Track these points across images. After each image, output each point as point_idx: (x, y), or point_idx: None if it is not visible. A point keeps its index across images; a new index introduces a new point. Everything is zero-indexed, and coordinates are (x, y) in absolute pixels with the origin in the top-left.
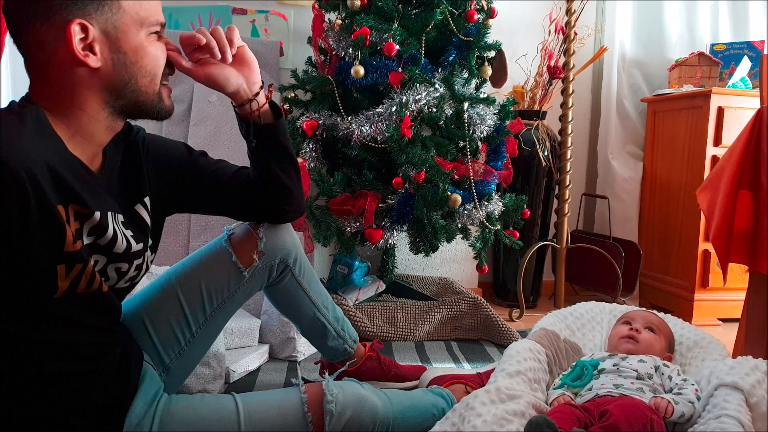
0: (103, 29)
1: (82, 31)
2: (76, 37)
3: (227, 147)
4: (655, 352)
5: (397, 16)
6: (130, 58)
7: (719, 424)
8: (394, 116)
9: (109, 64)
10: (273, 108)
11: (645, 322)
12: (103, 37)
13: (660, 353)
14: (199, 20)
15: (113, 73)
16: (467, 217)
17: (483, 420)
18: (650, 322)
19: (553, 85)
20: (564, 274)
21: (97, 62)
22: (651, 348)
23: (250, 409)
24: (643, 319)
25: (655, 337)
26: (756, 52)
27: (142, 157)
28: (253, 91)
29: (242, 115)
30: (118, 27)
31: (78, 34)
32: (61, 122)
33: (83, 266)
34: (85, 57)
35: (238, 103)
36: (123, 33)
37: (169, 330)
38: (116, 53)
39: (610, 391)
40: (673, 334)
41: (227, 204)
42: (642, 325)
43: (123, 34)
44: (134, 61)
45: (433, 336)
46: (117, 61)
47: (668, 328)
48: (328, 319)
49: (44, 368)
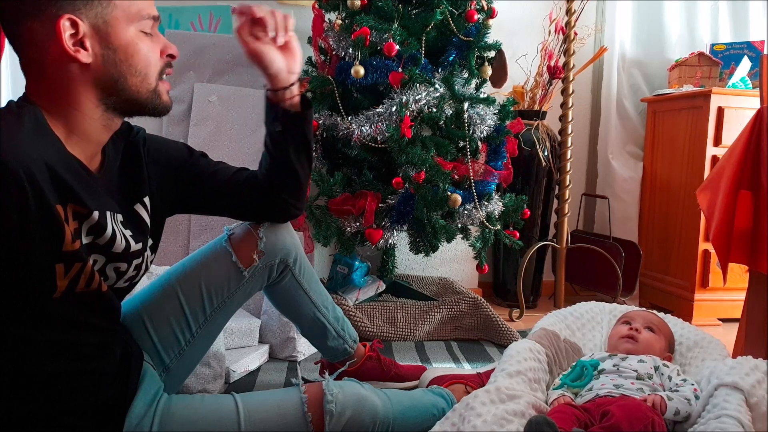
0: (93, 24)
1: (72, 26)
2: (66, 33)
3: (227, 147)
4: (654, 351)
5: (397, 16)
6: (120, 56)
7: (719, 424)
8: (394, 116)
9: (99, 60)
10: (303, 101)
11: (645, 322)
12: (93, 32)
13: (660, 353)
14: (199, 20)
15: (103, 68)
16: (467, 217)
17: (483, 420)
18: (650, 322)
19: (553, 85)
20: (564, 274)
21: (88, 57)
22: (651, 348)
23: (250, 409)
24: (643, 319)
25: (654, 336)
26: (756, 52)
27: (143, 157)
28: (290, 80)
29: (273, 101)
30: (108, 21)
31: (68, 29)
32: (58, 121)
33: (82, 266)
34: (76, 52)
35: (274, 87)
36: (113, 28)
37: (169, 330)
38: (106, 49)
39: (611, 391)
40: (673, 334)
41: (227, 204)
42: (642, 324)
43: (113, 29)
44: (124, 59)
45: (433, 336)
46: (107, 58)
47: (668, 328)
48: (328, 319)
49: (44, 368)
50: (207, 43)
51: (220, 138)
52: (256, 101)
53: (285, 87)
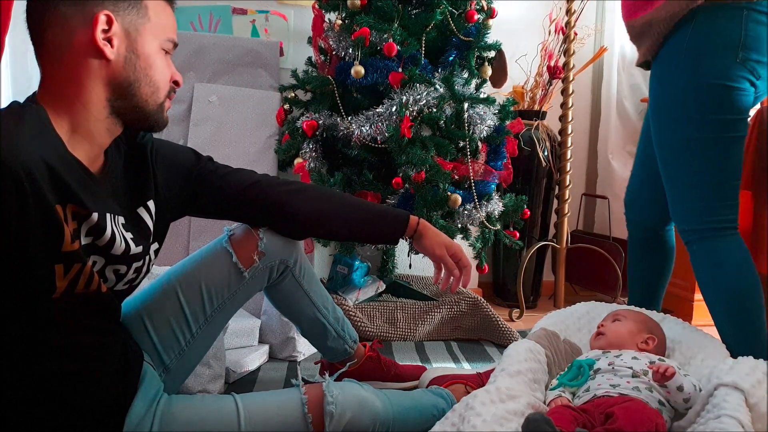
0: (125, 27)
1: (107, 23)
2: (100, 27)
3: (227, 147)
4: (623, 336)
5: (397, 16)
6: (141, 63)
7: (719, 424)
8: (394, 116)
9: (121, 61)
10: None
11: (611, 316)
12: (124, 34)
13: (630, 336)
14: (199, 20)
15: (122, 70)
16: (467, 217)
17: (483, 420)
18: (615, 314)
19: (553, 85)
20: (564, 274)
21: (112, 54)
22: (618, 335)
23: (251, 409)
24: (613, 314)
25: (620, 323)
26: None
27: (149, 161)
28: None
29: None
30: (138, 30)
31: (102, 24)
32: (62, 119)
33: (81, 266)
34: (104, 46)
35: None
36: (141, 36)
37: (169, 330)
38: (130, 53)
39: (608, 391)
40: (647, 318)
41: (233, 213)
42: (610, 319)
43: (141, 37)
44: (144, 67)
45: (433, 336)
46: (129, 60)
47: (636, 313)
48: (329, 319)
49: (44, 368)
50: (207, 43)
51: (220, 138)
52: (256, 101)
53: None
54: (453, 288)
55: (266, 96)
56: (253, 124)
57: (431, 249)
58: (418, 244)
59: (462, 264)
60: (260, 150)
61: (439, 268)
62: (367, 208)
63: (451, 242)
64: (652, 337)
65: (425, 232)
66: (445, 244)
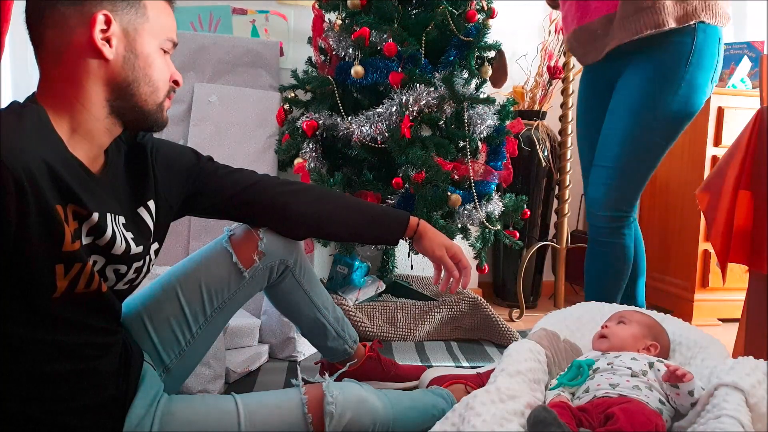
0: (123, 27)
1: (105, 23)
2: (98, 27)
3: (227, 147)
4: (626, 340)
5: (397, 16)
6: (140, 62)
7: (719, 424)
8: (394, 116)
9: (120, 60)
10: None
11: (617, 318)
12: (122, 34)
13: (633, 340)
14: (199, 20)
15: (121, 70)
16: (467, 217)
17: (483, 420)
18: (621, 316)
19: (553, 85)
20: (564, 274)
21: (110, 54)
22: (621, 338)
23: (251, 409)
24: (618, 316)
25: (623, 326)
26: (756, 52)
27: (150, 160)
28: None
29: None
30: (137, 29)
31: (101, 24)
32: (62, 119)
33: (82, 266)
34: (102, 46)
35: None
36: (140, 36)
37: (170, 330)
38: (129, 53)
39: (608, 391)
40: (653, 323)
41: (233, 213)
42: (614, 321)
43: (140, 37)
44: (143, 66)
45: (433, 336)
46: (127, 60)
47: (641, 316)
48: (329, 319)
49: (44, 368)
50: (207, 43)
51: (220, 138)
52: (256, 101)
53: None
54: (453, 289)
55: (266, 96)
56: (253, 124)
57: (431, 250)
58: (417, 245)
59: (462, 265)
60: (260, 150)
61: (438, 268)
62: (367, 209)
63: (450, 243)
64: (654, 344)
65: (425, 233)
66: (445, 245)
